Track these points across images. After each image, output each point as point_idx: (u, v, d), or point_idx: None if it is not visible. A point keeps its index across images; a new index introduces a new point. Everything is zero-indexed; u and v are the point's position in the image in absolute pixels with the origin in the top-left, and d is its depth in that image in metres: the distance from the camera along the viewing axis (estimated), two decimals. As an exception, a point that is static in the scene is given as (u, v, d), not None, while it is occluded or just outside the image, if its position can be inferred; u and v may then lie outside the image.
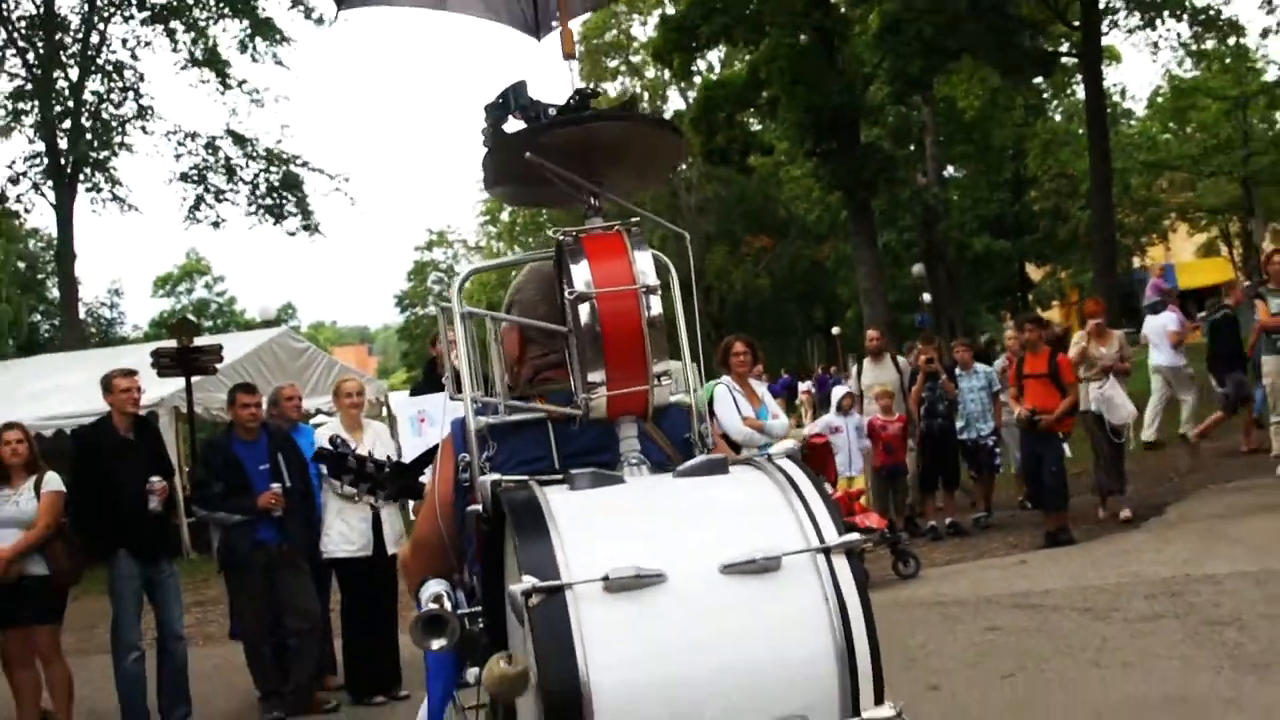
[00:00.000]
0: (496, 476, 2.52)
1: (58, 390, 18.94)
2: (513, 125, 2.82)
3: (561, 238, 2.74)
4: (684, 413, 2.94)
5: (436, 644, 2.61)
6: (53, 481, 8.32)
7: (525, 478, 2.50)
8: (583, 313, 2.61)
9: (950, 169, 43.46)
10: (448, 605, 2.66)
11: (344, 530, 8.66)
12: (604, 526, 2.40)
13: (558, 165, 2.76)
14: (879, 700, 2.24)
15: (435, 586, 2.75)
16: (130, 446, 8.27)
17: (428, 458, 3.37)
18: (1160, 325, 15.18)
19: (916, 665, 7.85)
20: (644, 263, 2.68)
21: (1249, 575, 8.90)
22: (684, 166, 47.64)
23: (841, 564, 2.30)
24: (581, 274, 2.63)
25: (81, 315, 36.77)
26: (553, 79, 2.99)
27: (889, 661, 6.44)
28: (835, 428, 12.62)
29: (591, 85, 2.87)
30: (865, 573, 2.34)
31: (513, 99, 2.83)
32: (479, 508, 2.60)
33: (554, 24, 3.77)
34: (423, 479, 3.16)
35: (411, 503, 4.64)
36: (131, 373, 8.60)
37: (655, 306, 2.65)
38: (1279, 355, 12.49)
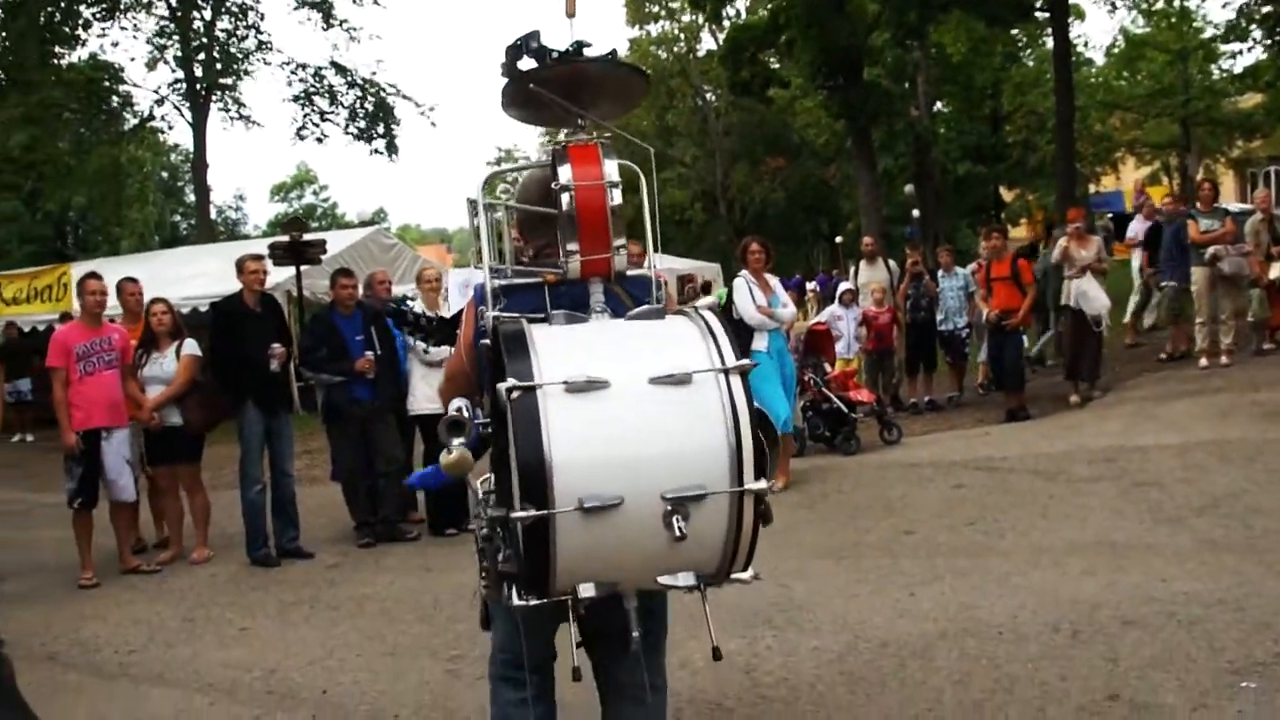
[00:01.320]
0: (498, 313, 2.94)
1: (194, 276, 19.14)
2: (525, 63, 3.08)
3: (554, 146, 3.15)
4: (646, 281, 3.20)
5: (457, 441, 2.89)
6: (191, 346, 8.56)
7: (518, 315, 2.89)
8: (564, 199, 3.02)
9: (939, 104, 42.78)
10: (466, 414, 2.93)
11: (427, 391, 8.77)
12: (568, 349, 2.78)
13: (556, 95, 3.10)
14: (758, 478, 2.65)
15: (458, 401, 3.01)
16: (257, 317, 8.42)
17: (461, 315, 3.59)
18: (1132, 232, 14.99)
19: (895, 514, 7.97)
20: (610, 167, 3.05)
21: (1171, 447, 8.96)
22: (712, 96, 47.18)
23: (736, 381, 2.69)
24: (565, 173, 3.03)
25: (212, 216, 36.85)
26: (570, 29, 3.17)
27: (874, 510, 6.64)
28: (838, 316, 12.67)
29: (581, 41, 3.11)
30: (749, 390, 2.73)
31: (527, 43, 3.09)
32: (487, 341, 2.95)
33: None
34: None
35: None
36: (260, 256, 8.75)
37: (616, 198, 3.04)
38: (1205, 266, 12.43)
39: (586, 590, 2.67)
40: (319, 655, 5.92)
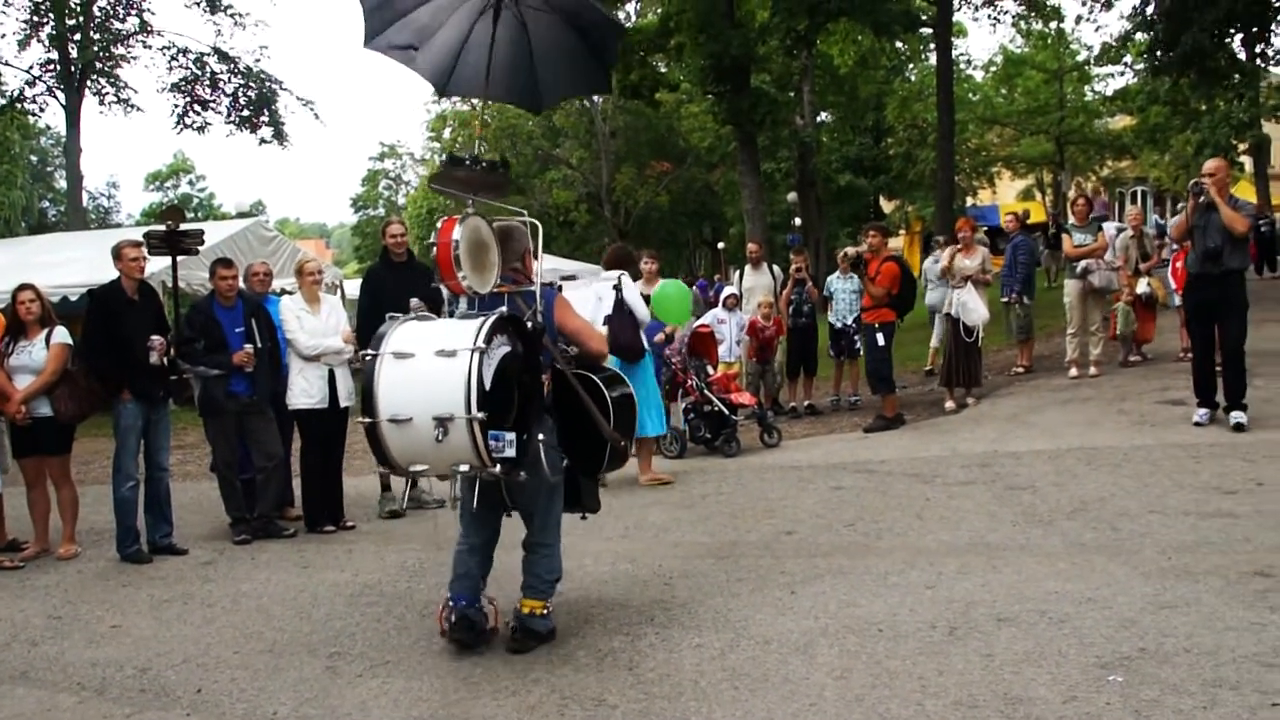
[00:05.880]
0: (392, 314, 5.17)
1: (65, 263, 18.52)
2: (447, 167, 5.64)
3: (438, 219, 5.20)
4: (533, 294, 5.35)
5: None
6: (61, 335, 8.25)
7: (399, 314, 5.14)
8: (432, 252, 5.12)
9: (823, 115, 43.49)
10: None
11: (304, 386, 8.69)
12: (408, 333, 4.94)
13: (465, 187, 5.39)
14: (478, 410, 4.62)
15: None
16: (135, 306, 8.17)
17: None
18: (1110, 230, 15.23)
19: (776, 514, 8.06)
20: (459, 231, 5.05)
21: (1043, 453, 9.25)
22: (599, 98, 47.19)
23: (477, 356, 4.66)
24: (433, 235, 5.11)
25: (84, 203, 35.59)
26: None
27: (754, 511, 6.88)
28: (721, 320, 12.76)
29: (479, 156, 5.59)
30: (511, 354, 4.94)
31: (448, 159, 5.65)
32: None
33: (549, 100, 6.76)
34: None
35: None
36: (139, 243, 8.47)
37: (458, 249, 5.03)
38: (1078, 280, 12.83)
39: (417, 468, 4.94)
40: (193, 653, 5.79)
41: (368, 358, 4.87)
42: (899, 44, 36.65)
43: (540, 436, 5.12)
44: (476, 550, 5.49)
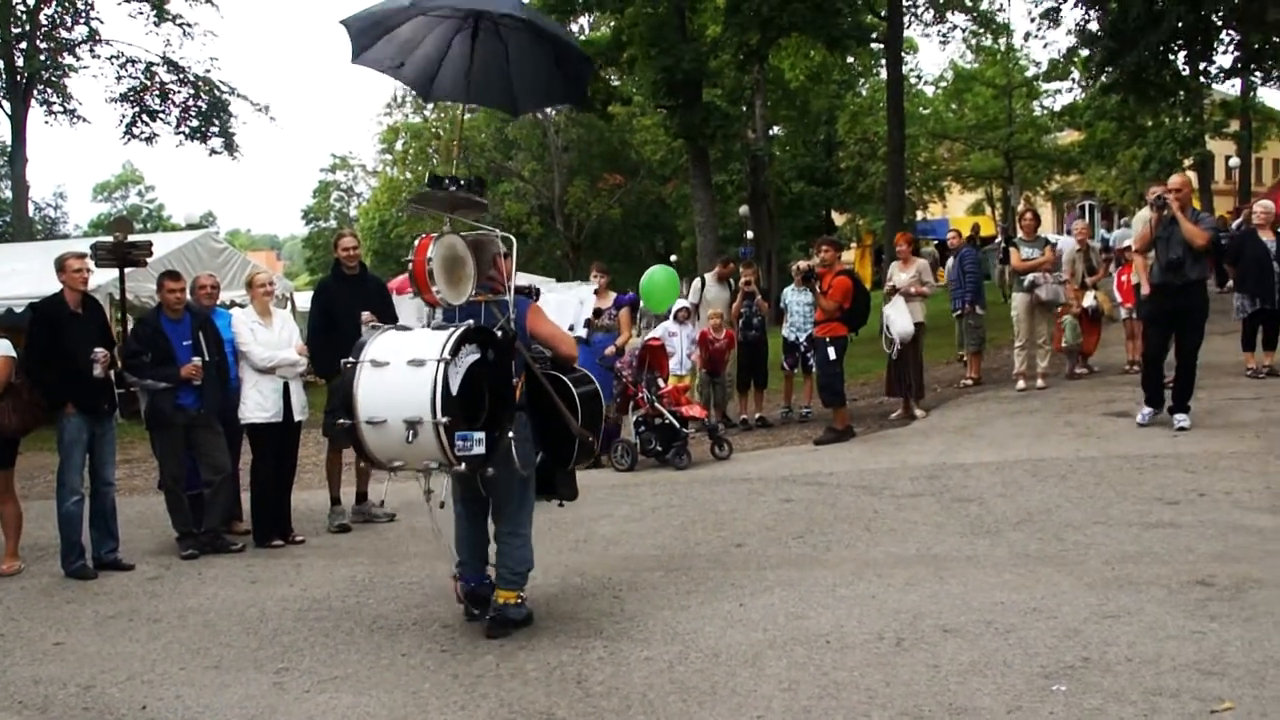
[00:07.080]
0: (375, 323, 6.34)
1: (9, 274, 18.28)
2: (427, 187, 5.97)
3: (414, 237, 5.76)
4: (506, 303, 5.80)
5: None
6: (3, 347, 8.09)
7: (383, 325, 5.85)
8: (410, 268, 5.61)
9: (775, 128, 43.73)
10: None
11: (259, 399, 8.62)
12: (385, 343, 5.40)
13: (444, 205, 5.92)
14: (443, 415, 5.06)
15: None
16: (79, 319, 8.07)
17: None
18: (1069, 244, 15.33)
19: (726, 527, 8.07)
20: (433, 249, 5.52)
21: (990, 465, 9.33)
22: (551, 111, 47.26)
23: (442, 366, 5.10)
24: (412, 254, 5.61)
25: (30, 214, 35.07)
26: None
27: (704, 524, 6.91)
28: (672, 333, 12.75)
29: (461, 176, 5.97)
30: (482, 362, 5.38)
31: (430, 179, 5.92)
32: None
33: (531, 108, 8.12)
34: None
35: None
36: (83, 254, 8.35)
37: (432, 265, 5.50)
38: (1025, 293, 12.98)
39: (397, 464, 5.35)
40: (139, 669, 5.72)
41: (348, 365, 5.34)
42: (850, 59, 36.96)
43: (511, 434, 5.55)
44: (471, 534, 6.14)
